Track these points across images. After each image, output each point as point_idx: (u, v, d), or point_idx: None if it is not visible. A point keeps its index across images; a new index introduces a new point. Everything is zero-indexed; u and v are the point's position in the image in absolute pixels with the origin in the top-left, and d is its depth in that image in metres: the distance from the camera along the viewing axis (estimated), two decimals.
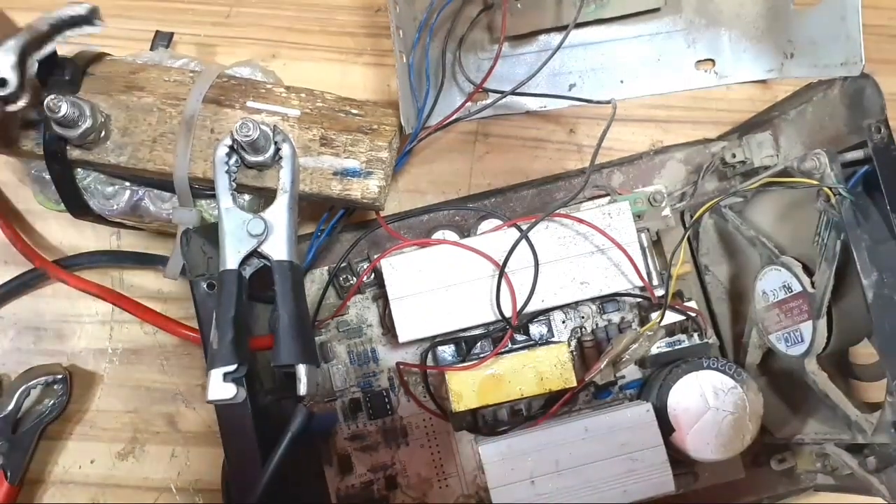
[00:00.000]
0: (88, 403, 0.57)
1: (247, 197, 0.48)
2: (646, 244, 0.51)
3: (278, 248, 0.42)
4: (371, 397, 0.53)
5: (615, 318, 0.52)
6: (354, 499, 0.52)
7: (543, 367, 0.48)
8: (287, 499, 0.50)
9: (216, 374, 0.39)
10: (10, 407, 0.54)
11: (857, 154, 0.44)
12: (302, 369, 0.40)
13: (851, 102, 0.46)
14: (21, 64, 0.42)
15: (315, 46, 0.60)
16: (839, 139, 0.46)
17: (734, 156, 0.54)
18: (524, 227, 0.48)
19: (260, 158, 0.45)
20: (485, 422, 0.51)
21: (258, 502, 0.45)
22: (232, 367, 0.39)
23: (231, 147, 0.44)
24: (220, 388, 0.39)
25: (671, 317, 0.50)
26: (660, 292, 0.50)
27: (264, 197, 0.47)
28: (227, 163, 0.44)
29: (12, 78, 0.42)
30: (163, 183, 0.48)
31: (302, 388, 0.40)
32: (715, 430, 0.47)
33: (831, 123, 0.48)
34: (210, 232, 0.45)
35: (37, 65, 0.43)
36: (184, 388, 0.57)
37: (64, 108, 0.43)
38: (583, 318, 0.52)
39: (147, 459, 0.57)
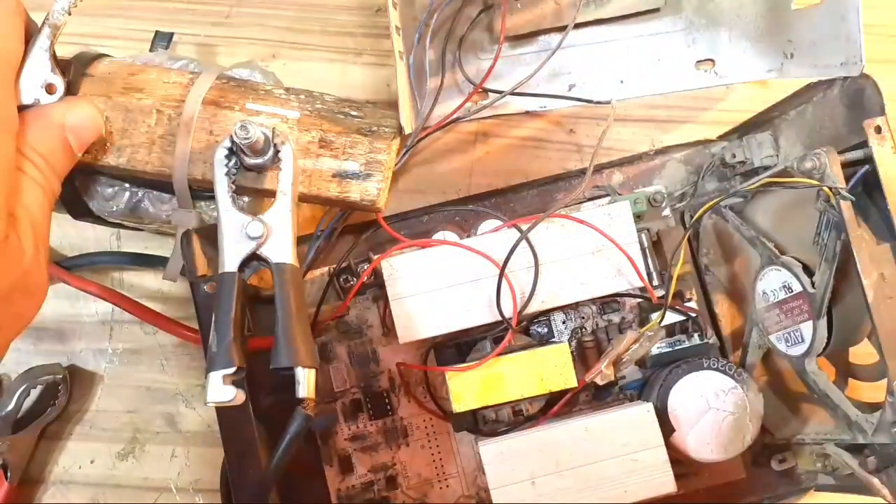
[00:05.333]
0: (88, 403, 0.57)
1: (246, 199, 0.48)
2: (646, 244, 0.51)
3: (278, 251, 0.42)
4: (371, 398, 0.53)
5: (615, 318, 0.52)
6: (355, 499, 0.52)
7: (544, 368, 0.48)
8: (288, 499, 0.50)
9: (215, 376, 0.39)
10: (10, 407, 0.54)
11: (857, 154, 0.44)
12: (301, 372, 0.40)
13: (851, 102, 0.46)
14: (55, 60, 0.42)
15: (315, 47, 0.60)
16: (839, 139, 0.46)
17: (734, 156, 0.54)
18: (524, 228, 0.48)
19: (259, 160, 0.45)
20: (485, 422, 0.51)
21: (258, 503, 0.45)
22: (231, 370, 0.39)
23: (230, 149, 0.44)
24: (220, 390, 0.39)
25: (671, 317, 0.50)
26: (660, 293, 0.50)
27: (263, 199, 0.47)
28: (226, 165, 0.44)
29: (58, 81, 0.42)
30: (162, 184, 0.48)
31: (301, 391, 0.40)
32: (715, 431, 0.47)
33: (831, 123, 0.48)
34: (211, 233, 0.45)
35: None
36: (184, 388, 0.57)
37: None
38: (583, 318, 0.52)
39: (147, 459, 0.57)
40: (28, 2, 0.42)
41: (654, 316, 0.49)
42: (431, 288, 0.49)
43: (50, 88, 0.42)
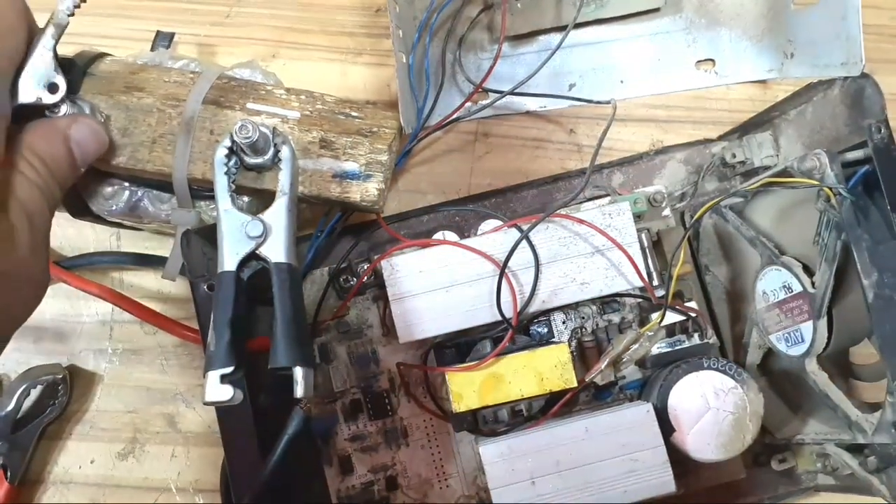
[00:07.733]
0: (88, 403, 0.57)
1: (246, 199, 0.48)
2: (646, 244, 0.50)
3: (277, 251, 0.42)
4: (371, 398, 0.53)
5: (615, 318, 0.52)
6: (355, 499, 0.52)
7: (544, 368, 0.48)
8: (288, 499, 0.50)
9: (213, 375, 0.39)
10: (10, 407, 0.54)
11: (858, 154, 0.44)
12: (299, 372, 0.40)
13: (852, 102, 0.46)
14: (57, 61, 0.42)
15: (315, 46, 0.60)
16: (839, 139, 0.46)
17: (734, 156, 0.54)
18: (524, 228, 0.48)
19: (259, 160, 0.45)
20: (485, 422, 0.51)
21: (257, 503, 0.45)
22: (229, 370, 0.39)
23: (230, 148, 0.44)
24: (217, 390, 0.39)
25: (671, 317, 0.50)
26: (660, 292, 0.50)
27: (263, 199, 0.47)
28: (226, 164, 0.44)
29: (61, 81, 0.42)
30: (162, 184, 0.48)
31: (299, 391, 0.40)
32: (715, 431, 0.47)
33: (831, 123, 0.48)
34: (211, 233, 0.45)
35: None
36: (184, 388, 0.57)
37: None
38: (583, 318, 0.52)
39: (147, 459, 0.57)
40: (32, 2, 0.42)
41: (654, 316, 0.49)
42: (431, 288, 0.49)
43: (52, 88, 0.42)
